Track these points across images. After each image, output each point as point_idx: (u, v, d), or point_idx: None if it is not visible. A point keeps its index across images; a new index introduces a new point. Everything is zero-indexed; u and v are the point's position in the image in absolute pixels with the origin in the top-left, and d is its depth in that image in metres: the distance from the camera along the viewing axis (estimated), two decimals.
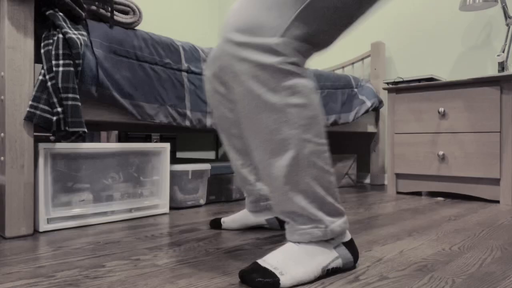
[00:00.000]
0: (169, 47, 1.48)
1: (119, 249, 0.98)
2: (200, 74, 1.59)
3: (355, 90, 2.29)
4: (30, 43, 1.11)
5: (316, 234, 0.77)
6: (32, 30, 1.11)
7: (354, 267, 0.84)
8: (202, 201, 1.65)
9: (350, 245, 0.82)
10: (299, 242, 0.79)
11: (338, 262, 0.79)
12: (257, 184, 1.12)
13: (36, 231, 1.16)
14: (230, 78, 0.76)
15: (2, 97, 1.08)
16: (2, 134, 1.09)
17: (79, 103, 1.13)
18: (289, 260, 0.76)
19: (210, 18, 3.43)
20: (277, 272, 0.73)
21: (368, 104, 2.30)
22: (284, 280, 0.72)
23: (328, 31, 0.77)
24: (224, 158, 3.20)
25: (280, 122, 0.74)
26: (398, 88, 2.02)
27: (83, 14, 1.22)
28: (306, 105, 0.75)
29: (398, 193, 2.07)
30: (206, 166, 1.66)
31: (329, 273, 0.78)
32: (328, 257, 0.78)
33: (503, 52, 1.86)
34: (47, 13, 1.14)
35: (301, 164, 0.75)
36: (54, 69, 1.10)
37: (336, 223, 0.79)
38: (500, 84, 1.71)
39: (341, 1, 0.73)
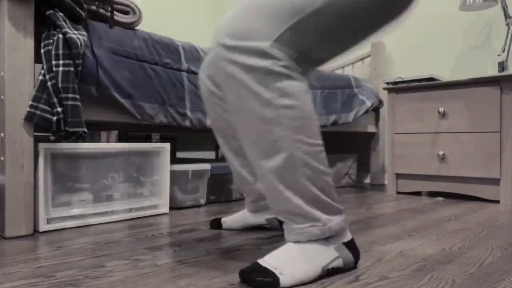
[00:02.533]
0: (169, 47, 1.48)
1: (119, 249, 0.98)
2: None
3: (355, 90, 2.29)
4: (30, 43, 1.11)
5: (314, 232, 0.77)
6: (32, 30, 1.11)
7: (355, 267, 0.84)
8: (202, 201, 1.65)
9: (351, 245, 0.82)
10: (298, 242, 0.79)
11: (339, 262, 0.79)
12: (256, 184, 1.12)
13: (36, 231, 1.16)
14: (222, 81, 0.77)
15: (2, 97, 1.08)
16: (2, 134, 1.09)
17: (79, 103, 1.13)
18: (289, 260, 0.76)
19: (210, 18, 3.43)
20: (277, 272, 0.73)
21: (368, 104, 2.30)
22: (284, 279, 0.72)
23: (320, 50, 0.78)
24: (224, 158, 3.20)
25: (272, 123, 0.74)
26: (398, 88, 2.02)
27: (83, 14, 1.22)
28: (297, 107, 0.75)
29: (398, 193, 2.07)
30: (206, 166, 1.66)
31: (329, 272, 0.78)
32: (328, 256, 0.78)
33: (503, 52, 1.86)
34: (47, 13, 1.14)
35: (294, 165, 0.75)
36: (54, 69, 1.10)
37: (334, 221, 0.79)
38: (500, 84, 1.71)
39: (339, 25, 0.74)
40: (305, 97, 0.77)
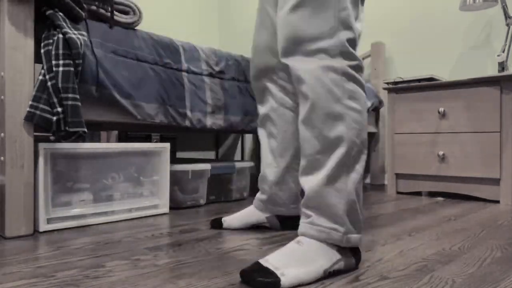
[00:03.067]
0: (169, 47, 1.48)
1: (119, 249, 0.98)
2: (200, 74, 1.59)
3: None
4: (30, 43, 1.11)
5: (334, 237, 0.79)
6: (32, 30, 1.11)
7: (356, 268, 0.84)
8: (202, 201, 1.65)
9: (355, 251, 0.83)
10: (310, 238, 0.80)
11: (340, 265, 0.79)
12: (273, 187, 1.15)
13: (36, 231, 1.16)
14: (303, 77, 0.82)
15: (2, 97, 1.08)
16: (2, 134, 1.09)
17: (79, 103, 1.13)
18: (291, 261, 0.76)
19: (210, 18, 3.43)
20: (278, 272, 0.73)
21: (368, 104, 2.30)
22: (284, 280, 0.72)
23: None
24: (224, 158, 3.20)
25: (339, 121, 0.79)
26: (398, 88, 2.02)
27: (83, 14, 1.22)
28: (361, 112, 0.82)
29: (398, 193, 2.07)
30: (206, 166, 1.66)
31: (330, 275, 0.78)
32: (330, 259, 0.78)
33: (503, 52, 1.86)
34: (47, 13, 1.14)
35: (346, 164, 0.80)
36: (54, 69, 1.10)
37: (355, 236, 0.81)
38: (500, 84, 1.71)
39: None
40: (365, 104, 0.83)
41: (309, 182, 0.82)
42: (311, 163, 0.82)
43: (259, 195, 1.20)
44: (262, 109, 1.18)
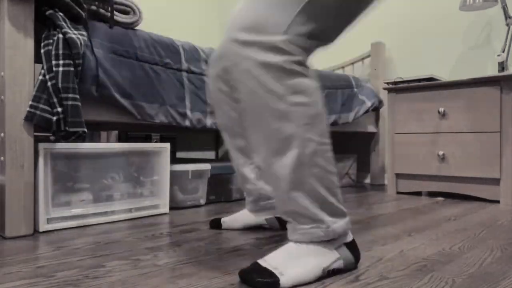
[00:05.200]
0: (169, 47, 1.48)
1: (119, 249, 0.98)
2: (200, 74, 1.59)
3: (355, 90, 2.29)
4: (30, 43, 1.11)
5: (318, 234, 0.77)
6: (32, 30, 1.11)
7: (355, 267, 0.84)
8: (202, 201, 1.65)
9: (352, 246, 0.82)
10: (300, 242, 0.79)
11: (340, 263, 0.79)
12: (257, 183, 1.12)
13: (36, 231, 1.16)
14: (235, 77, 0.77)
15: (2, 97, 1.08)
16: (2, 134, 1.09)
17: (79, 103, 1.13)
18: (289, 260, 0.76)
19: (210, 18, 3.43)
20: (277, 272, 0.73)
21: (368, 104, 2.30)
22: (284, 280, 0.72)
23: (331, 26, 0.77)
24: (224, 158, 3.20)
25: (284, 120, 0.74)
26: (398, 88, 2.02)
27: (83, 14, 1.22)
28: (309, 104, 0.75)
29: (398, 193, 2.07)
30: (206, 166, 1.66)
31: (330, 274, 0.78)
32: (329, 258, 0.78)
33: (503, 52, 1.86)
34: (47, 13, 1.14)
35: (304, 163, 0.75)
36: (54, 69, 1.10)
37: (338, 224, 0.79)
38: (500, 84, 1.71)
39: None
40: (316, 94, 0.77)
41: (273, 188, 0.79)
42: (268, 168, 0.78)
43: (248, 198, 1.17)
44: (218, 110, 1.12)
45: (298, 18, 0.73)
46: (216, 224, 1.21)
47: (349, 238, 0.82)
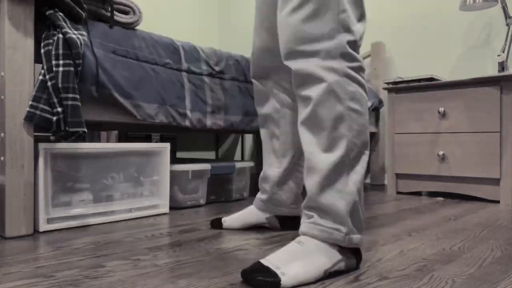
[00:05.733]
0: (169, 47, 1.48)
1: (119, 249, 0.98)
2: (200, 74, 1.59)
3: None
4: (30, 43, 1.11)
5: (336, 236, 0.79)
6: (32, 30, 1.11)
7: (356, 269, 0.84)
8: (202, 201, 1.65)
9: (356, 251, 0.83)
10: (313, 237, 0.80)
11: (341, 266, 0.79)
12: (274, 188, 1.16)
13: (36, 231, 1.16)
14: (305, 79, 0.82)
15: (2, 97, 1.08)
16: (2, 134, 1.09)
17: (79, 103, 1.13)
18: (292, 260, 0.76)
19: (210, 18, 3.43)
20: (278, 272, 0.73)
21: (368, 104, 2.30)
22: (285, 280, 0.72)
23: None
24: (224, 158, 3.20)
25: (340, 122, 0.80)
26: (398, 88, 2.02)
27: (83, 14, 1.22)
28: (362, 113, 0.82)
29: (398, 193, 2.07)
30: (206, 166, 1.66)
31: (330, 275, 0.78)
32: (331, 259, 0.78)
33: (503, 52, 1.86)
34: (47, 13, 1.14)
35: (346, 164, 0.80)
36: (54, 69, 1.10)
37: (356, 236, 0.81)
38: (500, 84, 1.71)
39: None
40: (367, 106, 0.84)
41: (310, 181, 0.82)
42: (311, 162, 0.82)
43: (259, 195, 1.20)
44: (263, 110, 1.18)
45: (342, 14, 0.81)
46: (216, 224, 1.21)
47: None
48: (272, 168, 1.16)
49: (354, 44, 0.83)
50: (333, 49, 0.80)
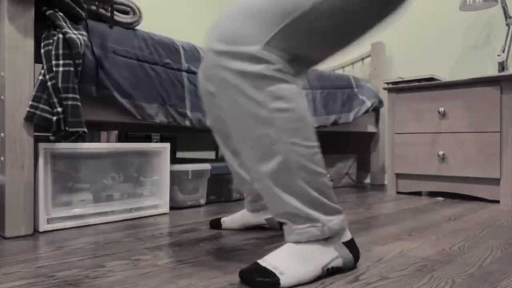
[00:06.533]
0: (169, 47, 1.48)
1: (119, 249, 0.98)
2: None
3: (355, 90, 2.29)
4: (30, 43, 1.11)
5: (314, 233, 0.78)
6: (32, 30, 1.11)
7: (355, 267, 0.84)
8: (202, 201, 1.65)
9: (351, 245, 0.82)
10: (298, 242, 0.79)
11: (338, 262, 0.79)
12: (254, 183, 1.11)
13: (36, 231, 1.16)
14: (216, 85, 0.77)
15: (2, 97, 1.08)
16: (2, 134, 1.09)
17: (79, 103, 1.13)
18: (289, 260, 0.76)
19: (210, 18, 3.43)
20: (277, 272, 0.73)
21: (368, 104, 2.30)
22: (284, 279, 0.72)
23: (313, 52, 0.77)
24: (224, 158, 3.20)
25: (266, 127, 0.74)
26: (398, 88, 2.02)
27: (83, 14, 1.22)
28: (291, 109, 0.75)
29: (398, 193, 2.07)
30: (206, 166, 1.66)
31: (329, 272, 0.78)
32: (327, 256, 0.78)
33: (503, 52, 1.86)
34: (47, 13, 1.14)
35: (290, 168, 0.75)
36: (54, 69, 1.10)
37: (334, 221, 0.79)
38: (500, 84, 1.71)
39: (330, 25, 0.73)
40: (298, 99, 0.76)
41: (263, 193, 0.80)
42: (255, 174, 0.79)
43: (246, 198, 1.17)
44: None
45: (278, 35, 0.73)
46: (216, 224, 1.21)
47: (347, 237, 0.83)
48: (241, 167, 1.11)
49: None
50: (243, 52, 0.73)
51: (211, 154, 3.18)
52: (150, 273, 0.80)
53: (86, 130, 1.13)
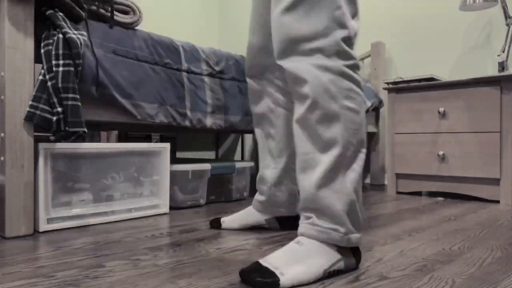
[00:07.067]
0: (169, 47, 1.48)
1: (119, 249, 0.98)
2: (200, 74, 1.59)
3: None
4: (30, 43, 1.11)
5: (334, 237, 0.79)
6: (32, 30, 1.11)
7: (356, 268, 0.84)
8: (202, 201, 1.65)
9: (356, 250, 0.83)
10: (311, 238, 0.79)
11: (340, 265, 0.79)
12: (273, 189, 1.15)
13: (36, 231, 1.16)
14: (299, 77, 0.81)
15: (2, 97, 1.08)
16: (2, 134, 1.09)
17: (79, 103, 1.13)
18: (291, 261, 0.76)
19: (210, 18, 3.43)
20: (277, 272, 0.73)
21: (368, 104, 2.30)
22: (284, 280, 0.72)
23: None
24: (224, 158, 3.20)
25: (335, 121, 0.79)
26: (398, 88, 2.02)
27: (83, 14, 1.22)
28: (358, 112, 0.80)
29: (398, 193, 2.07)
30: (206, 166, 1.66)
31: (330, 275, 0.78)
32: (330, 259, 0.78)
33: (503, 52, 1.86)
34: (47, 13, 1.14)
35: (343, 164, 0.79)
36: (54, 69, 1.10)
37: (355, 236, 0.81)
38: (500, 84, 1.71)
39: None
40: (363, 105, 0.82)
41: (306, 182, 0.81)
42: (306, 162, 0.81)
43: (257, 196, 1.19)
44: (257, 109, 1.17)
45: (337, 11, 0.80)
46: (216, 224, 1.21)
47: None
48: (269, 168, 1.15)
49: (349, 41, 0.81)
50: (327, 47, 0.78)
51: (211, 154, 3.17)
52: (150, 273, 0.80)
53: (86, 130, 1.13)
